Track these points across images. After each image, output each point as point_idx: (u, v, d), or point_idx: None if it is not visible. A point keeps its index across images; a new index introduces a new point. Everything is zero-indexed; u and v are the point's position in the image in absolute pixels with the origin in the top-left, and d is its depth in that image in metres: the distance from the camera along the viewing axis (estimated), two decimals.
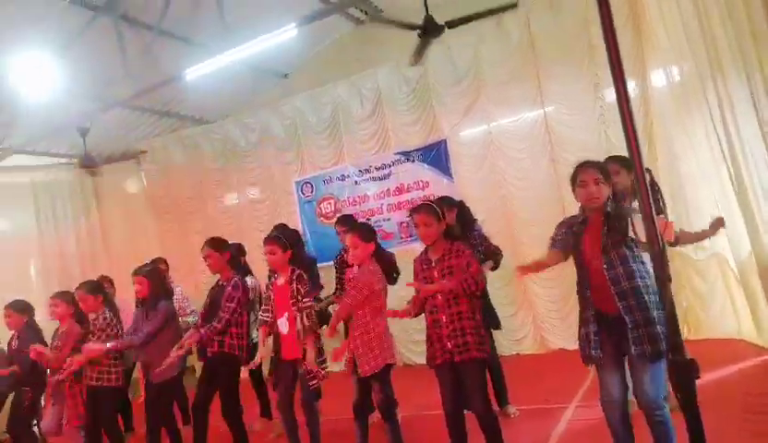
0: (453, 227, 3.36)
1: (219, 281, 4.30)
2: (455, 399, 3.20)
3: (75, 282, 4.96)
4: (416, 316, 3.36)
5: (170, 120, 8.43)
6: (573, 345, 6.05)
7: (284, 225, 4.93)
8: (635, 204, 2.85)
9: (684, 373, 1.74)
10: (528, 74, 6.29)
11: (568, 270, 5.67)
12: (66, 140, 7.69)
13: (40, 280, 7.60)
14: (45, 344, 4.72)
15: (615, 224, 2.74)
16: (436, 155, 6.73)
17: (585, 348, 2.80)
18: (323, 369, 3.83)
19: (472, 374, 3.13)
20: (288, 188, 7.70)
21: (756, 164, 4.22)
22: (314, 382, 3.72)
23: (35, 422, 4.99)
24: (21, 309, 4.92)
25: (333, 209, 7.31)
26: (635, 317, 2.66)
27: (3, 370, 4.87)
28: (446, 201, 3.93)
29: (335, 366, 4.34)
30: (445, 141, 6.70)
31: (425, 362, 3.25)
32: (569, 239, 2.89)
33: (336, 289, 4.84)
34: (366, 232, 3.70)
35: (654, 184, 3.54)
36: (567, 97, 6.17)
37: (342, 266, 4.79)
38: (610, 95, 6.00)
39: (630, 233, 2.69)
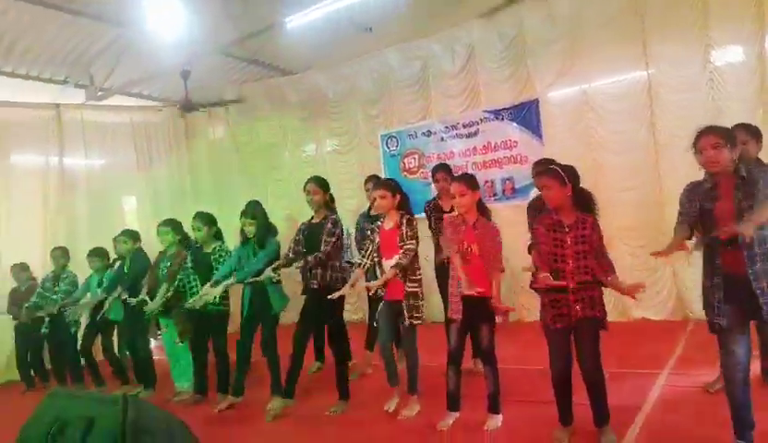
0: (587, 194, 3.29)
1: (312, 219, 4.45)
2: (567, 360, 3.22)
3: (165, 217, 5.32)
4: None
5: (258, 69, 8.60)
6: (658, 315, 6.05)
7: (376, 176, 5.04)
8: None
9: None
10: (632, 33, 6.02)
11: (655, 239, 5.56)
12: (164, 83, 8.00)
13: (134, 212, 8.07)
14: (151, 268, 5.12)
15: (748, 189, 2.68)
16: (526, 115, 6.60)
17: (712, 316, 2.79)
18: (418, 318, 3.92)
19: (589, 331, 3.13)
20: (373, 141, 7.77)
21: None
22: (503, 317, 3.69)
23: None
24: (134, 237, 5.30)
25: (417, 163, 7.35)
26: (765, 282, 2.63)
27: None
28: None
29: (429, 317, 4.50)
30: (537, 101, 6.55)
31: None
32: (694, 208, 2.85)
33: (433, 234, 4.88)
34: (472, 180, 3.73)
35: None
36: (673, 58, 5.88)
37: (436, 212, 4.87)
38: (721, 58, 5.73)
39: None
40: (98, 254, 5.62)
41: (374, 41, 7.99)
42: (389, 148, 7.62)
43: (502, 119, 6.76)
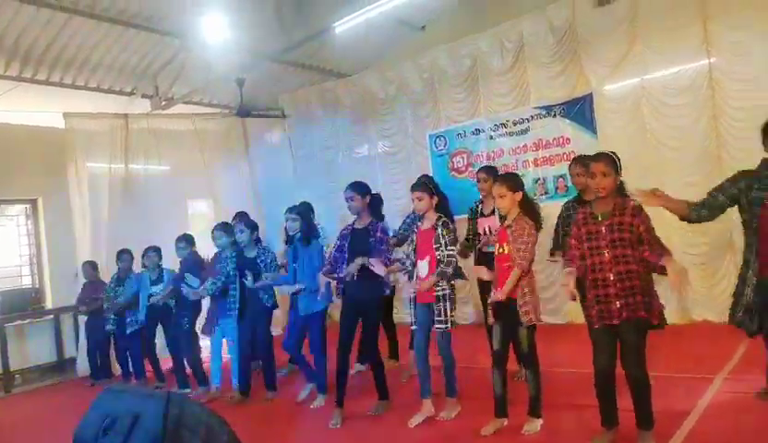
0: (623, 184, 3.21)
1: (354, 223, 4.49)
2: (611, 358, 3.12)
3: (227, 220, 5.57)
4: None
5: (312, 73, 8.83)
6: (720, 317, 5.75)
7: (427, 176, 5.05)
8: None
9: None
10: (693, 20, 5.74)
11: (717, 239, 5.28)
12: (222, 91, 8.37)
13: (198, 215, 8.49)
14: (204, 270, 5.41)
15: None
16: (579, 110, 6.42)
17: (744, 318, 2.66)
18: (446, 325, 3.88)
19: (634, 333, 3.02)
20: (422, 141, 7.79)
21: None
22: (529, 317, 3.51)
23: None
24: (188, 241, 5.61)
25: (466, 163, 7.30)
26: None
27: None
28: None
29: (460, 320, 4.46)
30: (591, 95, 6.36)
31: (551, 321, 3.24)
32: (736, 192, 2.72)
33: (467, 238, 4.85)
34: (513, 180, 3.70)
35: None
36: (738, 46, 5.55)
37: (474, 216, 4.85)
38: None
39: None
40: (154, 250, 5.98)
41: (424, 41, 8.04)
42: (437, 147, 7.62)
43: (554, 115, 6.61)
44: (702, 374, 4.19)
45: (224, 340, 5.26)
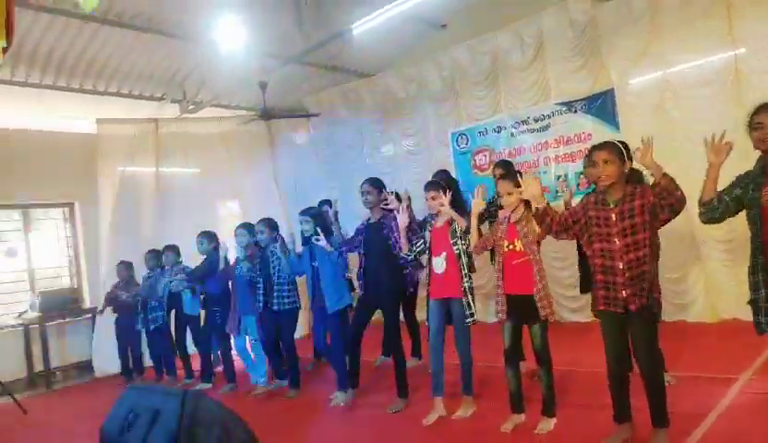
0: (639, 174, 3.19)
1: (369, 219, 4.60)
2: (621, 353, 3.13)
3: (252, 220, 5.70)
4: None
5: (335, 74, 8.91)
6: (749, 316, 5.61)
7: (445, 171, 5.10)
8: None
9: None
10: (717, 10, 5.59)
11: (743, 234, 5.18)
12: (248, 94, 8.54)
13: (228, 215, 8.72)
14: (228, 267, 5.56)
15: None
16: (601, 105, 6.34)
17: (757, 315, 2.62)
18: (472, 318, 3.94)
19: (643, 324, 3.02)
20: (444, 140, 7.81)
21: None
22: (546, 312, 3.53)
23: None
24: (210, 237, 5.80)
25: (488, 160, 7.29)
26: None
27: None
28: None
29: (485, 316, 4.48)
30: (613, 90, 6.26)
31: (574, 319, 3.20)
32: (739, 190, 2.68)
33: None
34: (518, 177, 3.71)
35: None
36: (763, 38, 5.40)
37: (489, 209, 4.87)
38: None
39: None
40: (172, 249, 6.20)
41: (445, 38, 8.04)
42: (459, 145, 7.62)
43: (575, 111, 6.54)
44: (727, 374, 4.12)
45: (247, 337, 5.42)
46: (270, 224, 5.24)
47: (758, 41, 5.39)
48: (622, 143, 3.26)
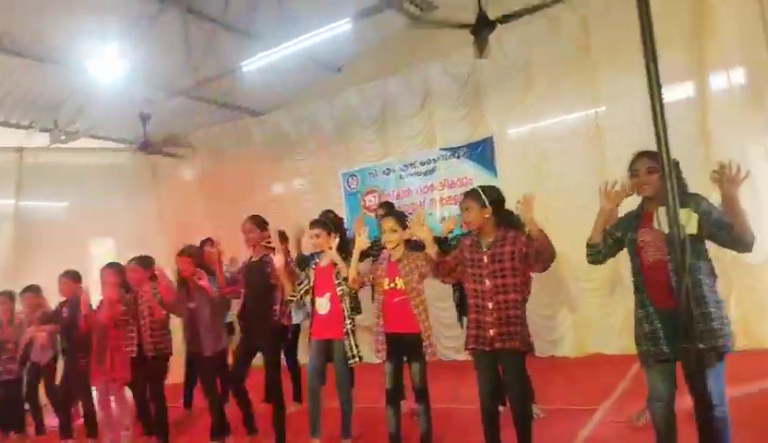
0: (512, 216, 3.35)
1: (251, 257, 4.49)
2: (492, 389, 3.21)
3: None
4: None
5: (226, 111, 8.76)
6: (612, 350, 6.06)
7: (331, 211, 5.09)
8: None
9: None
10: (580, 72, 6.22)
11: (609, 269, 5.57)
12: (130, 126, 8.11)
13: (102, 253, 8.06)
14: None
15: None
16: (481, 152, 6.74)
17: (649, 346, 2.75)
18: (357, 357, 3.90)
19: (512, 365, 3.13)
20: (335, 180, 7.88)
21: None
22: (432, 350, 3.60)
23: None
24: (75, 278, 5.27)
25: (378, 201, 7.41)
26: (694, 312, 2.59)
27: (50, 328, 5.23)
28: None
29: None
30: (491, 138, 6.70)
31: (455, 357, 3.25)
32: (618, 233, 2.88)
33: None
34: (401, 218, 3.79)
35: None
36: (619, 96, 6.05)
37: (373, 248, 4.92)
38: (669, 96, 5.86)
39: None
40: (31, 290, 5.62)
41: (339, 81, 8.21)
42: (349, 186, 7.72)
43: (458, 157, 6.90)
44: (590, 405, 4.37)
45: None
46: (143, 263, 4.88)
47: (616, 100, 6.01)
48: (492, 188, 3.42)
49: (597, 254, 2.94)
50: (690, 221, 2.60)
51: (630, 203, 2.93)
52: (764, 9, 4.30)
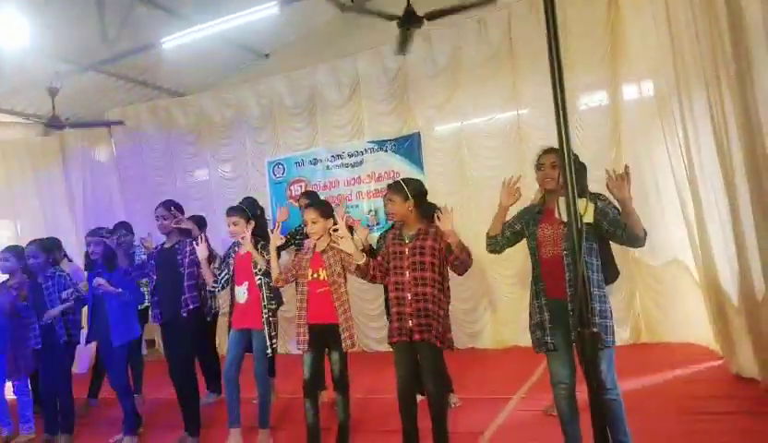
0: (436, 208, 3.38)
1: (164, 244, 4.33)
2: (409, 378, 3.28)
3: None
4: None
5: (145, 89, 8.30)
6: (527, 343, 6.31)
7: (250, 198, 4.97)
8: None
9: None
10: (505, 75, 6.42)
11: (522, 266, 5.77)
12: (35, 100, 7.52)
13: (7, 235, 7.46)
14: None
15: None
16: (409, 147, 6.81)
17: (539, 335, 2.92)
18: (273, 346, 3.86)
19: (429, 355, 3.21)
20: (260, 168, 7.69)
21: (713, 185, 4.31)
22: (351, 341, 3.56)
23: None
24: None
25: (304, 191, 7.32)
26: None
27: None
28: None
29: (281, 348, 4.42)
30: (419, 134, 6.79)
31: (378, 349, 3.29)
32: (519, 225, 3.02)
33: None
34: (326, 208, 3.75)
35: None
36: (541, 101, 6.28)
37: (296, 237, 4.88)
38: (585, 102, 6.21)
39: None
40: None
41: (267, 67, 8.00)
42: (275, 175, 7.57)
43: (386, 150, 6.93)
44: (503, 394, 4.56)
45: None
46: (45, 246, 4.54)
47: (537, 102, 6.23)
48: (416, 181, 3.46)
49: (495, 244, 3.11)
50: (587, 211, 2.76)
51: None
52: (672, 29, 4.62)
